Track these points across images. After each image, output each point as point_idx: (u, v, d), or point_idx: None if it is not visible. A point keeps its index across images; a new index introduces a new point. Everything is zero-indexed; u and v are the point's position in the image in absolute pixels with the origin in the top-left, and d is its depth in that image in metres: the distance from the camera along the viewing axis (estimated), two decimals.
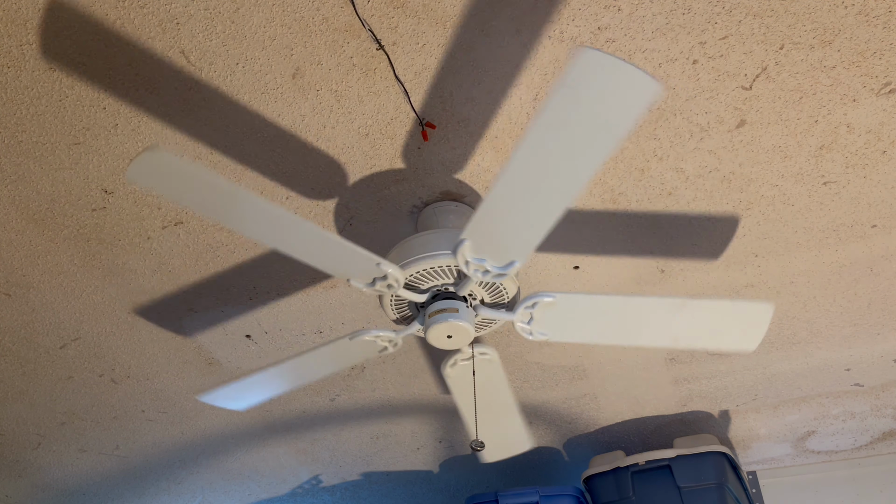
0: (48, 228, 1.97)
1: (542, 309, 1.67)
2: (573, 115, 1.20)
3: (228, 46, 1.54)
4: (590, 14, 1.49)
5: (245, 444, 3.08)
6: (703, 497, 2.52)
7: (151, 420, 2.88)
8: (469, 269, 1.56)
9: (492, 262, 1.54)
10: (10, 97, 1.63)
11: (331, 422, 2.92)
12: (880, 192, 1.89)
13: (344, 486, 3.43)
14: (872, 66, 1.59)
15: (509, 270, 1.55)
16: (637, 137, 1.75)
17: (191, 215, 1.93)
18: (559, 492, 2.71)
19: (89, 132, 1.71)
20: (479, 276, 1.57)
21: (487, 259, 1.53)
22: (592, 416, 2.86)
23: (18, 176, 1.82)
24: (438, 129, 1.71)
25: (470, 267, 1.55)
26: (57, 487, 3.37)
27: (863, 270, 2.14)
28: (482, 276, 1.57)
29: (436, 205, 1.89)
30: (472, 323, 1.65)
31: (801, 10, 1.49)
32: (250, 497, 3.51)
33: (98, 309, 2.26)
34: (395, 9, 1.47)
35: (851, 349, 2.47)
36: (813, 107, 1.68)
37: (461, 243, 1.51)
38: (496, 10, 1.48)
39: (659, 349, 2.48)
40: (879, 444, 3.01)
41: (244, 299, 2.23)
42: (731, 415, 2.83)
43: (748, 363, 2.55)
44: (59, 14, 1.47)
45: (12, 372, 2.54)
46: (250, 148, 1.75)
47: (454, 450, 3.15)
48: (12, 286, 2.16)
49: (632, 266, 2.12)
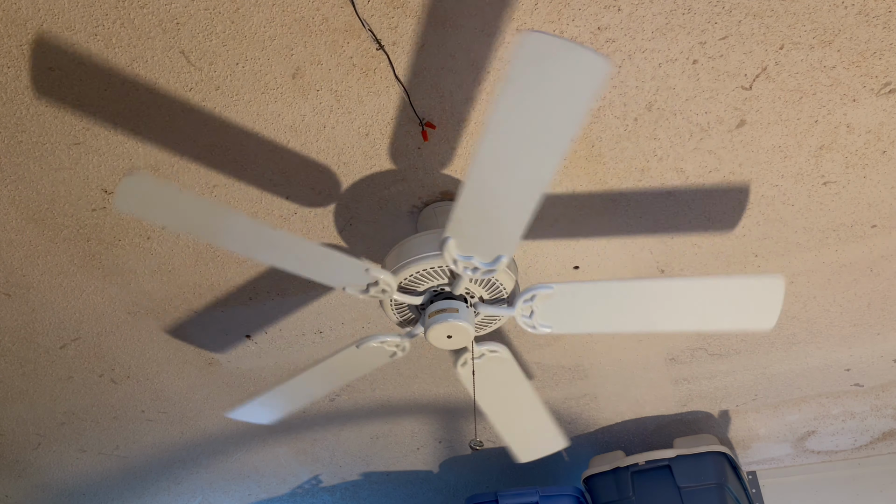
0: (48, 228, 1.97)
1: (541, 301, 1.66)
2: (528, 102, 1.19)
3: (228, 46, 1.54)
4: (590, 14, 1.49)
5: (245, 444, 3.08)
6: (703, 497, 2.52)
7: (151, 420, 2.88)
8: (458, 267, 1.55)
9: (479, 259, 1.53)
10: (10, 97, 1.63)
11: (331, 422, 2.92)
12: (880, 192, 1.89)
13: (344, 486, 3.43)
14: (872, 66, 1.59)
15: (498, 265, 1.54)
16: (637, 137, 1.75)
17: None
18: (559, 492, 2.71)
19: (89, 132, 1.71)
20: (469, 274, 1.57)
21: (475, 255, 1.53)
22: (592, 416, 2.86)
23: (18, 176, 1.82)
24: (438, 129, 1.71)
25: (459, 265, 1.55)
26: (57, 487, 3.37)
27: (863, 270, 2.14)
28: (473, 273, 1.56)
29: (435, 205, 1.89)
30: (472, 322, 1.65)
31: (801, 10, 1.49)
32: (250, 497, 3.51)
33: (98, 309, 2.26)
34: (395, 9, 1.47)
35: (851, 349, 2.47)
36: (813, 107, 1.68)
37: (445, 242, 1.50)
38: (496, 10, 1.48)
39: (659, 349, 2.48)
40: (879, 444, 3.01)
41: (244, 299, 2.23)
42: (731, 415, 2.83)
43: (748, 363, 2.55)
44: (59, 14, 1.47)
45: (12, 372, 2.54)
46: (250, 148, 1.75)
47: (454, 450, 3.14)
48: (12, 286, 2.16)
49: (632, 266, 2.12)
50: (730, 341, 2.44)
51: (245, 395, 2.72)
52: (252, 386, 2.67)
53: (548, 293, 1.64)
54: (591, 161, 1.80)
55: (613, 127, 1.72)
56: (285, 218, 1.93)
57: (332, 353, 1.84)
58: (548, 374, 2.62)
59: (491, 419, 2.01)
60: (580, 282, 1.63)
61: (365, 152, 1.77)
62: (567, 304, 1.66)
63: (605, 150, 1.77)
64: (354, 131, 1.72)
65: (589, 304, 1.65)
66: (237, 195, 1.87)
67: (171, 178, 1.82)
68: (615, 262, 2.10)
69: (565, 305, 1.66)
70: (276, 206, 1.90)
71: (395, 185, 1.85)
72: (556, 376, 2.63)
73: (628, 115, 1.69)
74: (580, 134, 1.73)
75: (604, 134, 1.73)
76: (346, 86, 1.62)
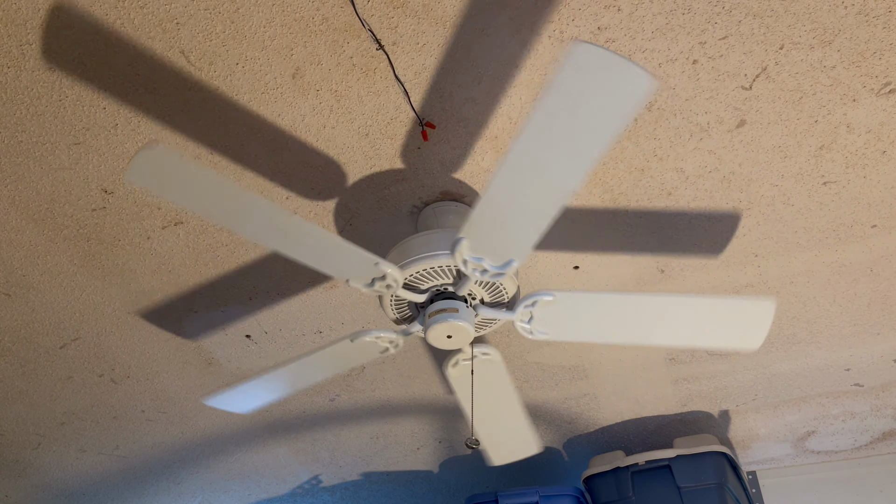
0: (48, 228, 1.97)
1: (541, 308, 1.67)
2: (568, 112, 1.20)
3: (228, 46, 1.54)
4: (590, 14, 1.49)
5: (245, 444, 3.08)
6: (703, 497, 2.52)
7: (151, 420, 2.88)
8: (467, 268, 1.55)
9: (490, 262, 1.54)
10: (10, 97, 1.63)
11: (331, 422, 2.92)
12: (880, 192, 1.89)
13: (344, 486, 3.43)
14: (872, 66, 1.59)
15: (508, 269, 1.54)
16: (637, 137, 1.75)
17: (191, 215, 1.93)
18: (559, 492, 2.71)
19: (89, 132, 1.71)
20: (477, 276, 1.57)
21: (485, 258, 1.53)
22: (592, 416, 2.86)
23: (18, 176, 1.82)
24: (438, 129, 1.71)
25: (468, 266, 1.55)
26: (57, 487, 3.37)
27: (863, 270, 2.14)
28: (481, 275, 1.57)
29: (436, 205, 1.89)
30: (472, 323, 1.65)
31: (800, 10, 1.49)
32: (250, 497, 3.51)
33: (98, 309, 2.26)
34: (395, 9, 1.47)
35: (851, 349, 2.47)
36: (813, 107, 1.68)
37: (459, 242, 1.50)
38: (496, 10, 1.48)
39: (659, 349, 2.48)
40: (879, 444, 3.01)
41: (244, 299, 2.23)
42: (731, 415, 2.83)
43: (748, 363, 2.55)
44: (59, 14, 1.47)
45: (12, 372, 2.54)
46: (250, 148, 1.75)
47: (454, 450, 3.14)
48: (12, 286, 2.16)
49: (632, 266, 2.12)
50: None
51: None
52: None
53: (549, 300, 1.64)
54: None
55: None
56: None
57: (325, 345, 1.84)
58: (548, 374, 2.62)
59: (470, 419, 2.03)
60: (581, 291, 1.64)
61: (365, 152, 1.77)
62: (566, 312, 1.67)
63: None
64: (354, 131, 1.72)
65: (587, 314, 1.67)
66: None
67: None
68: (615, 262, 2.10)
69: (564, 313, 1.68)
70: None
71: (395, 184, 1.85)
72: (556, 376, 2.63)
73: None
74: None
75: None
76: (346, 86, 1.62)
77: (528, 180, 1.33)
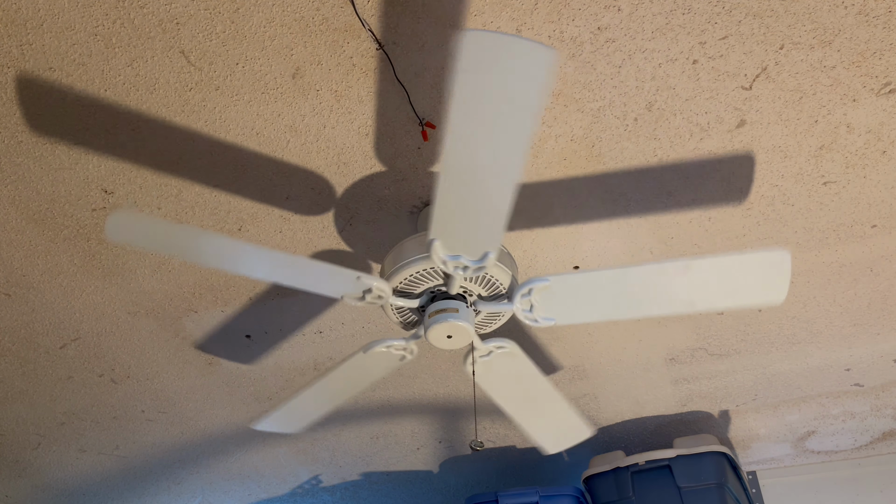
0: (48, 228, 1.97)
1: (539, 294, 1.65)
2: (480, 99, 1.20)
3: (228, 46, 1.54)
4: (590, 14, 1.49)
5: (245, 444, 3.08)
6: (703, 497, 2.52)
7: (151, 420, 2.88)
8: (449, 267, 1.55)
9: (467, 257, 1.53)
10: (9, 97, 1.63)
11: (331, 422, 2.93)
12: (880, 192, 1.89)
13: (344, 486, 3.43)
14: (872, 66, 1.59)
15: (486, 261, 1.54)
16: (637, 137, 1.75)
17: (191, 216, 1.93)
18: (559, 492, 2.71)
19: (89, 132, 1.71)
20: (461, 273, 1.57)
21: (462, 254, 1.53)
22: (592, 416, 2.86)
23: (18, 176, 1.82)
24: (438, 129, 1.71)
25: (449, 265, 1.55)
26: (57, 487, 3.37)
27: (863, 270, 2.14)
28: (464, 272, 1.56)
29: None
30: (472, 321, 1.65)
31: (800, 10, 1.49)
32: (250, 497, 3.51)
33: (98, 309, 2.26)
34: (395, 9, 1.47)
35: (851, 349, 2.47)
36: (813, 107, 1.68)
37: (432, 244, 1.51)
38: (496, 11, 1.48)
39: (659, 349, 2.48)
40: (879, 444, 3.01)
41: (244, 299, 2.23)
42: (731, 415, 2.83)
43: (748, 363, 2.55)
44: (59, 14, 1.47)
45: (12, 372, 2.54)
46: (250, 148, 1.75)
47: (454, 450, 3.15)
48: (12, 286, 2.16)
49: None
50: (730, 341, 2.44)
51: (245, 395, 2.72)
52: (252, 386, 2.67)
53: (545, 286, 1.63)
54: (591, 161, 1.80)
55: (613, 127, 1.72)
56: (285, 218, 1.93)
57: (341, 360, 1.84)
58: (548, 374, 2.62)
59: (511, 415, 2.00)
60: (576, 272, 1.62)
61: (365, 152, 1.77)
62: (566, 295, 1.65)
63: (605, 150, 1.77)
64: (354, 131, 1.72)
65: (589, 294, 1.64)
66: (237, 195, 1.87)
67: (172, 177, 1.82)
68: (615, 262, 2.10)
69: (565, 296, 1.65)
70: (276, 206, 1.90)
71: (395, 184, 1.85)
72: (556, 376, 2.63)
73: (628, 115, 1.69)
74: (580, 134, 1.73)
75: (604, 134, 1.73)
76: (346, 86, 1.62)
77: (470, 172, 1.33)
